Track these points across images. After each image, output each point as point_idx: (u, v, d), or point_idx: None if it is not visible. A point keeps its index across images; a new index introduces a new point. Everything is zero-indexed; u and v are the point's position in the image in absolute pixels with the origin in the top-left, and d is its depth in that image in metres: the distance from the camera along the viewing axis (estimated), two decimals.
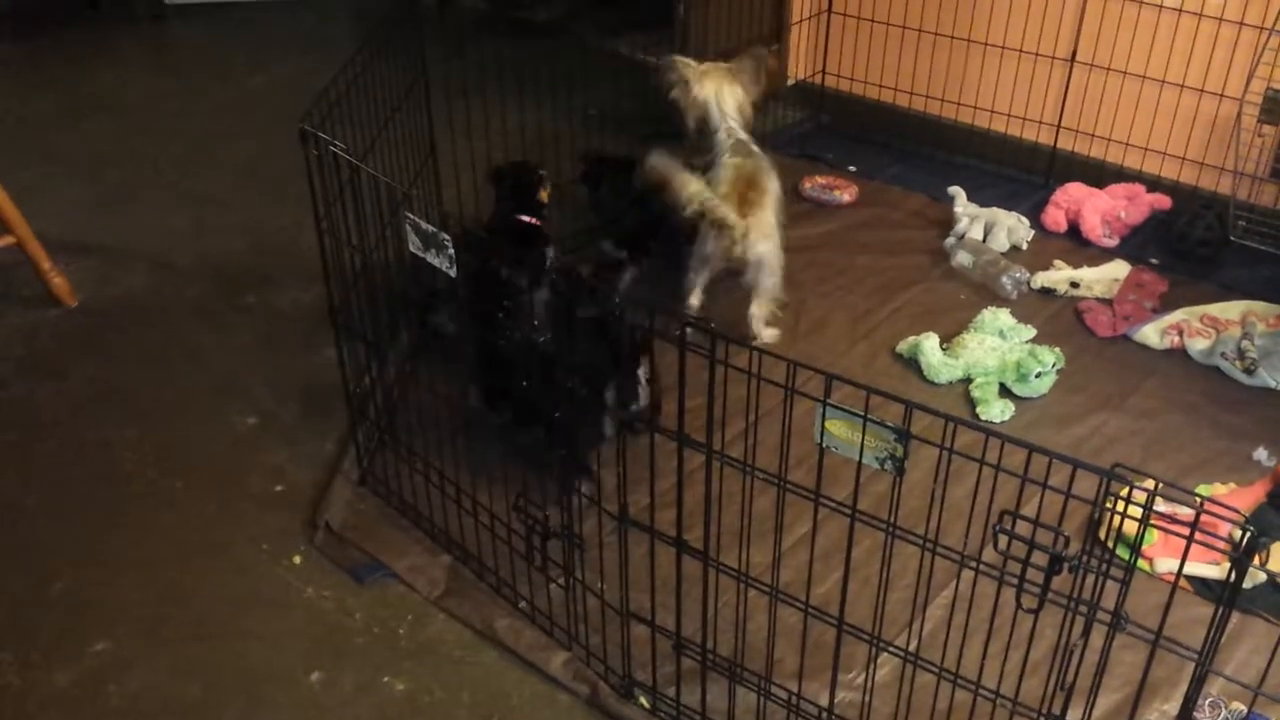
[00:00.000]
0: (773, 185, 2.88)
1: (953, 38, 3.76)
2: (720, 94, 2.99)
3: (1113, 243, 3.39)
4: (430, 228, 1.86)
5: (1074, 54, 3.55)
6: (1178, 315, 3.03)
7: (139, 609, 2.19)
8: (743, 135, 2.97)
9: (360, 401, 2.46)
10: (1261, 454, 2.56)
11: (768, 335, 2.89)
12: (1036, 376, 2.74)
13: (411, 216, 1.89)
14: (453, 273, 1.87)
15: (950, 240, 3.37)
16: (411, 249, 1.93)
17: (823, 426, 1.47)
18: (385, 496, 2.41)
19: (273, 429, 2.66)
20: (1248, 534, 1.31)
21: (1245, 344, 2.84)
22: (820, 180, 3.72)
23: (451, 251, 1.84)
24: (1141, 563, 2.22)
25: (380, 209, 2.22)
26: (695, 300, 2.91)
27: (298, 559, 2.30)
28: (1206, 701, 1.93)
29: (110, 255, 3.33)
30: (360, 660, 2.09)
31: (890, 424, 1.42)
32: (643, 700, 1.98)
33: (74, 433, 2.64)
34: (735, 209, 2.73)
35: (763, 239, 2.77)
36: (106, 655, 2.09)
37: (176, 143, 4.03)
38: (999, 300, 3.10)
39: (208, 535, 2.36)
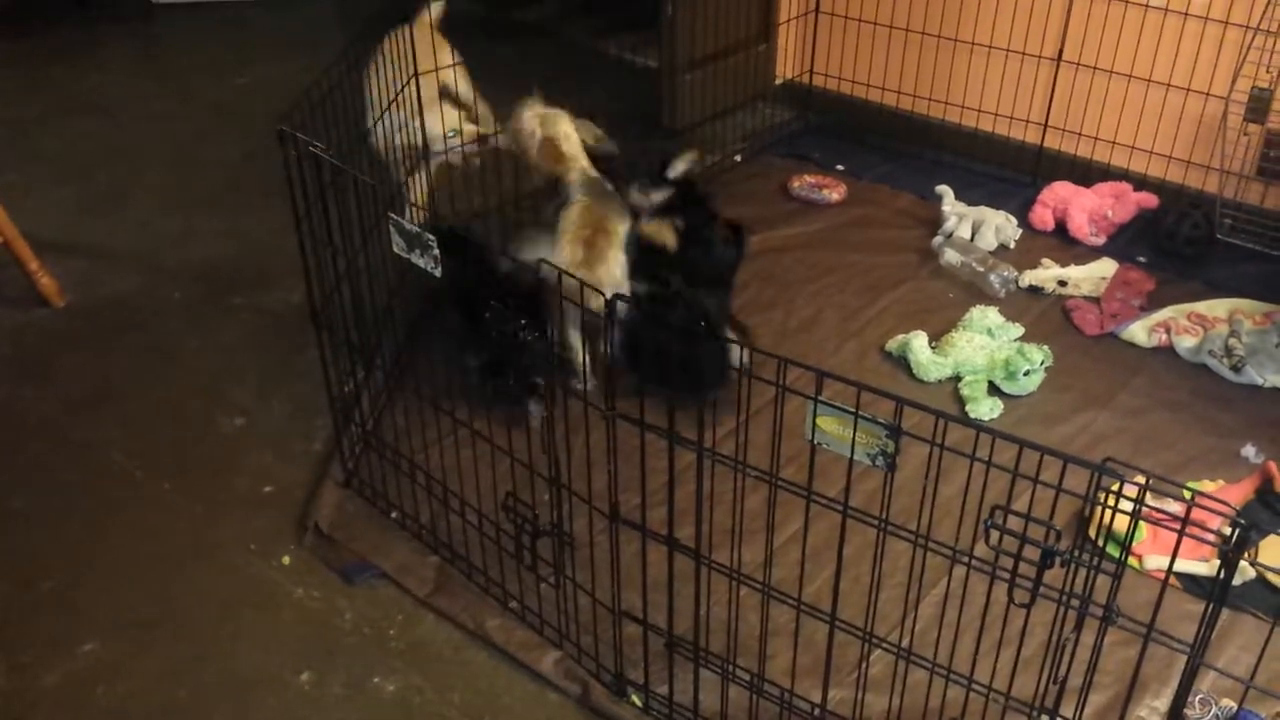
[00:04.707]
0: (621, 228, 2.71)
1: (940, 37, 3.77)
2: (566, 133, 2.81)
3: (1100, 241, 3.41)
4: (414, 228, 1.85)
5: (1060, 53, 3.56)
6: (1165, 313, 3.04)
7: (127, 610, 2.17)
8: (594, 173, 2.79)
9: (344, 404, 2.45)
10: (1250, 451, 2.57)
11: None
12: (1025, 374, 2.75)
13: (395, 217, 1.88)
14: (438, 273, 1.86)
15: (938, 239, 3.37)
16: (395, 250, 1.92)
17: (814, 423, 1.47)
18: (371, 499, 2.40)
19: (260, 430, 2.65)
20: (1238, 529, 1.31)
21: (1232, 341, 2.85)
22: (808, 179, 3.72)
23: (436, 252, 1.83)
24: (1131, 560, 2.23)
25: (365, 211, 2.21)
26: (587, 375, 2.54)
27: (287, 559, 2.29)
28: (1197, 698, 1.94)
29: (97, 256, 3.32)
30: (350, 660, 2.08)
31: (881, 420, 1.42)
32: (635, 699, 1.98)
33: (61, 433, 2.63)
34: (581, 257, 2.58)
35: (610, 287, 2.53)
36: (95, 656, 2.08)
37: (164, 143, 4.01)
38: (987, 299, 3.11)
39: (196, 536, 2.35)
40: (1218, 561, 1.35)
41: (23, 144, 3.96)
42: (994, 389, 2.76)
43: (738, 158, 3.92)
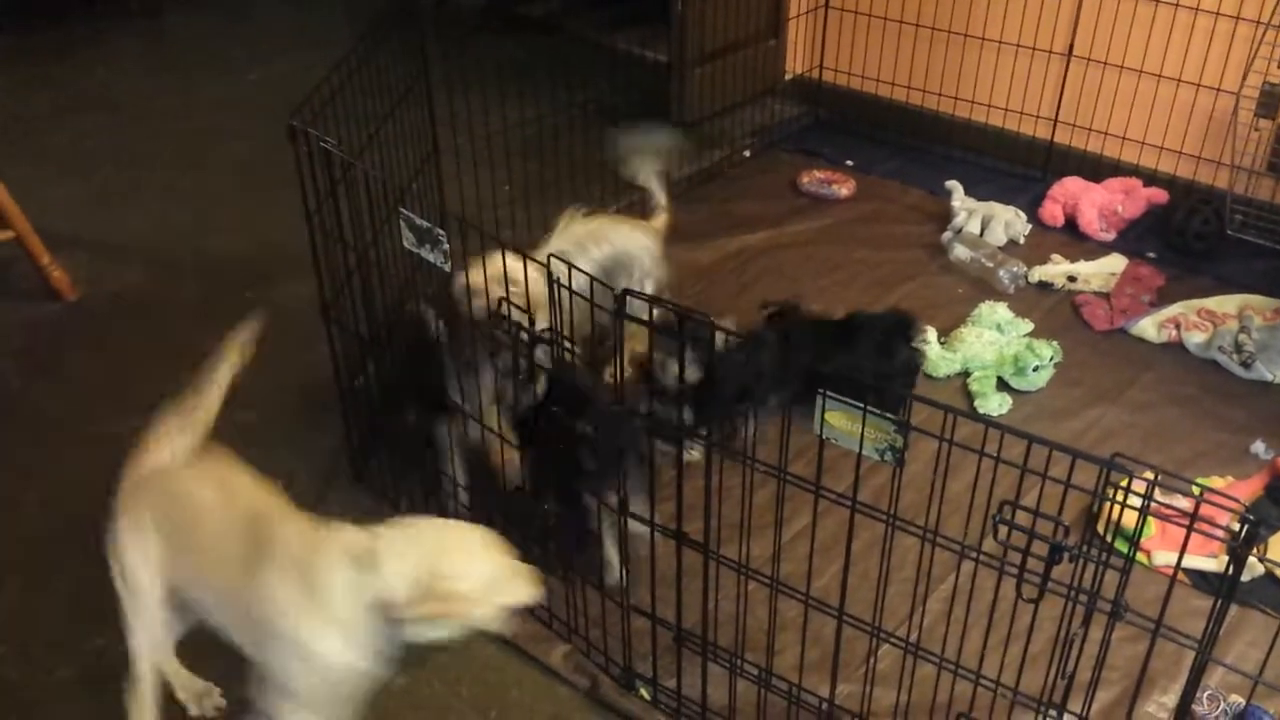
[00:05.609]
0: None
1: (950, 32, 3.76)
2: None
3: (1110, 237, 3.40)
4: (425, 223, 1.85)
5: (1071, 48, 3.55)
6: (1175, 309, 3.03)
7: None
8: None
9: (354, 397, 2.45)
10: (1259, 447, 2.57)
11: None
12: (1034, 370, 2.74)
13: (406, 212, 1.88)
14: (447, 268, 1.86)
15: (948, 234, 3.37)
16: (406, 245, 1.92)
17: (823, 418, 1.47)
18: (380, 492, 2.41)
19: (271, 425, 2.65)
20: (1247, 525, 1.31)
21: (1242, 337, 2.84)
22: (818, 175, 3.72)
23: (446, 246, 1.83)
24: (1139, 556, 2.22)
25: (376, 205, 2.21)
26: None
27: None
28: (1205, 694, 1.94)
29: (107, 251, 3.33)
30: None
31: (890, 415, 1.42)
32: (643, 692, 1.98)
33: (73, 427, 2.64)
34: None
35: None
36: (108, 651, 2.09)
37: (173, 138, 4.02)
38: (996, 294, 3.10)
39: None
40: (1226, 557, 1.35)
41: (31, 139, 3.97)
42: (1003, 384, 2.76)
43: (747, 153, 3.92)
